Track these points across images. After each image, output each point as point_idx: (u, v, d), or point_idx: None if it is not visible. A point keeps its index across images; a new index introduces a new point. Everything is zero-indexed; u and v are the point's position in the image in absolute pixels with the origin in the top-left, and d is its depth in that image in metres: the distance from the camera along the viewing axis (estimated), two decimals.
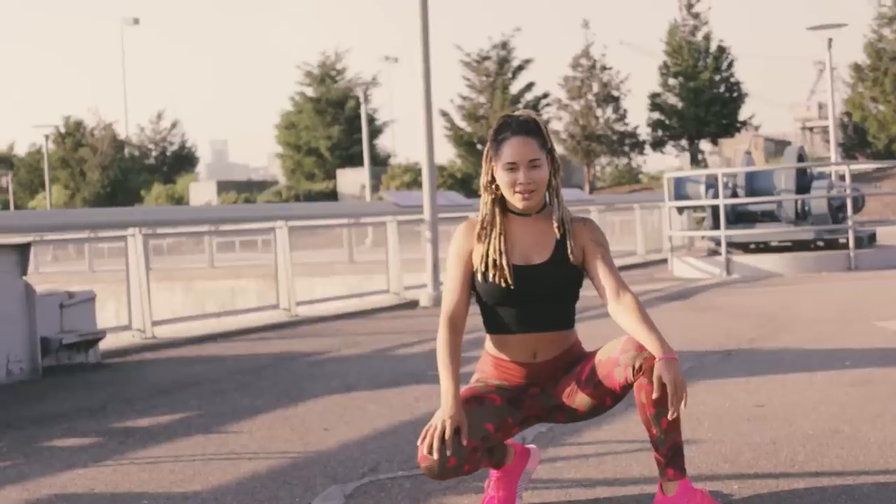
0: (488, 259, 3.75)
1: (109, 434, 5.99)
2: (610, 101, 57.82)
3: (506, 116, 3.83)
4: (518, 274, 3.72)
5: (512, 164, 3.73)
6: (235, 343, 10.46)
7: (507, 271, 3.71)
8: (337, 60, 65.31)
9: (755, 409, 5.79)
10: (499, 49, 60.19)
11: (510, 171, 3.73)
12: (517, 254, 3.77)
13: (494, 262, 3.74)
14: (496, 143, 3.78)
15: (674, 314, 11.30)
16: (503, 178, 3.75)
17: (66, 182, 65.23)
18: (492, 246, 3.76)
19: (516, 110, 15.27)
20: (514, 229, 3.80)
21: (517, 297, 3.72)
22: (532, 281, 3.72)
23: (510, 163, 3.73)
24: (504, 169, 3.74)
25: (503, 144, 3.76)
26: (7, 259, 8.46)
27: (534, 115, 3.83)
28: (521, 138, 3.76)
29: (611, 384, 3.69)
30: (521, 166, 3.73)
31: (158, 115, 72.84)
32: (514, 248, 3.77)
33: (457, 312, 3.77)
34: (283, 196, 58.38)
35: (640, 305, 3.66)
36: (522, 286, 3.72)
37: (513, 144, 3.74)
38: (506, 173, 3.74)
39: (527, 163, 3.73)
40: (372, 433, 5.63)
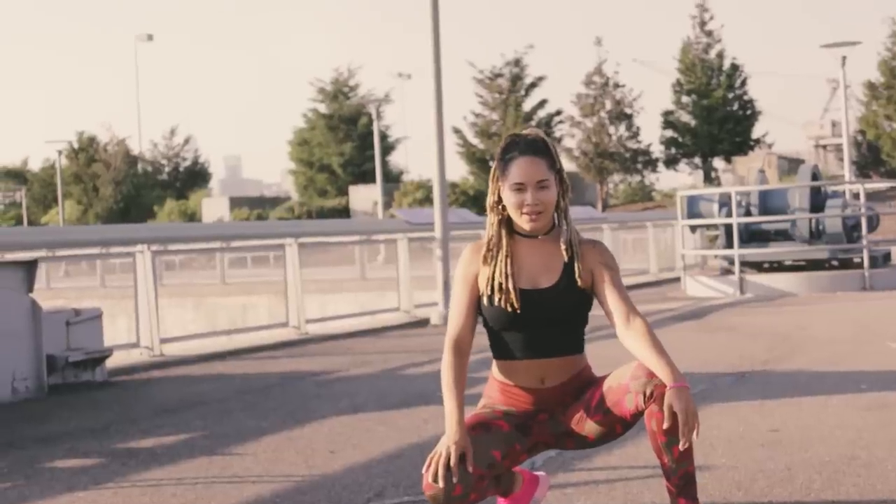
0: (494, 282, 3.65)
1: (112, 455, 5.91)
2: (623, 119, 57.69)
3: (513, 135, 3.73)
4: (525, 298, 3.62)
5: (519, 185, 3.63)
6: (244, 361, 10.37)
7: (514, 295, 3.61)
8: (350, 77, 65.39)
9: (770, 433, 5.67)
10: (512, 66, 60.15)
11: (518, 191, 3.63)
12: (524, 277, 3.66)
13: (500, 285, 3.63)
14: (503, 163, 3.68)
15: (686, 334, 11.18)
16: (510, 199, 3.65)
17: (80, 197, 65.36)
18: (498, 269, 3.66)
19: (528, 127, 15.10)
20: (521, 251, 3.70)
21: (524, 321, 3.62)
22: (539, 305, 3.62)
23: (518, 183, 3.63)
24: (511, 189, 3.64)
25: (511, 164, 3.66)
26: (13, 276, 8.39)
27: (542, 135, 3.73)
28: (529, 158, 3.66)
29: (621, 412, 3.59)
30: (528, 187, 3.62)
31: (171, 130, 72.97)
32: (521, 272, 3.67)
33: (462, 336, 3.67)
34: (296, 212, 58.41)
35: (651, 330, 3.56)
36: (529, 311, 3.61)
37: (520, 164, 3.64)
38: (513, 194, 3.64)
39: (535, 183, 3.63)
40: (379, 456, 5.53)
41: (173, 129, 74.00)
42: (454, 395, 3.59)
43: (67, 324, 8.90)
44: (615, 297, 3.63)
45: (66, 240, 11.43)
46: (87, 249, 12.33)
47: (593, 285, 3.67)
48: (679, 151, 59.50)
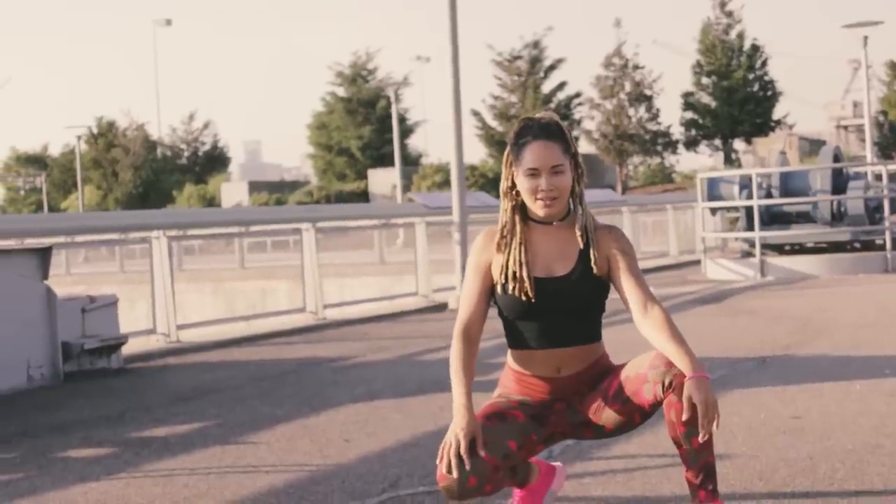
0: (508, 271, 3.56)
1: (125, 444, 5.85)
2: (642, 101, 57.43)
3: (526, 119, 3.63)
4: (539, 287, 3.53)
5: (533, 170, 3.53)
6: (261, 347, 10.32)
7: (528, 284, 3.52)
8: (368, 60, 65.29)
9: (791, 420, 5.57)
10: (530, 48, 59.95)
11: (532, 177, 3.54)
12: (539, 265, 3.57)
13: (514, 273, 3.54)
14: (517, 148, 3.59)
15: (707, 319, 11.06)
16: (524, 185, 3.55)
17: (99, 182, 65.56)
18: (511, 257, 3.56)
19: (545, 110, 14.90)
20: (536, 238, 3.61)
21: (539, 310, 3.53)
22: (554, 294, 3.53)
23: (532, 168, 3.53)
24: (525, 175, 3.55)
25: (524, 149, 3.56)
26: (27, 263, 8.35)
27: (556, 118, 3.63)
28: (542, 142, 3.56)
29: (639, 401, 3.50)
30: (543, 172, 3.53)
31: (190, 115, 73.03)
32: (536, 259, 3.58)
33: (471, 324, 3.58)
34: (315, 196, 58.42)
35: (669, 319, 3.46)
36: (544, 299, 3.52)
37: (534, 149, 3.55)
38: (527, 179, 3.54)
39: (549, 168, 3.53)
40: (394, 445, 5.46)
41: (192, 113, 74.11)
42: (462, 382, 3.49)
43: (83, 311, 8.85)
44: (632, 284, 3.53)
45: (82, 226, 11.39)
46: (104, 235, 12.28)
47: (609, 272, 3.57)
48: (699, 133, 59.19)
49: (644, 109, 57.54)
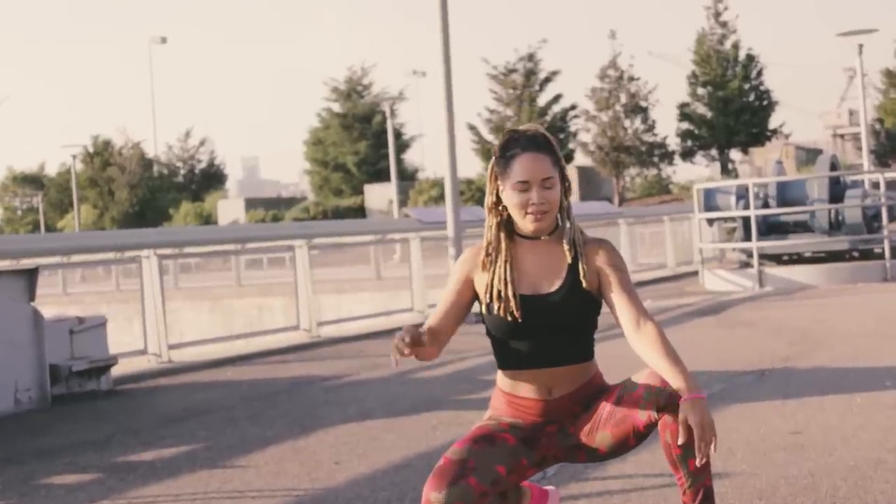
0: (493, 290, 3.42)
1: (111, 469, 5.72)
2: (638, 112, 57.30)
3: (512, 131, 3.50)
4: (526, 305, 3.39)
5: (523, 183, 3.40)
6: (254, 366, 10.18)
7: (514, 303, 3.39)
8: (363, 75, 65.21)
9: (791, 436, 5.44)
10: (525, 61, 59.83)
11: (521, 191, 3.40)
12: (525, 282, 3.44)
13: (499, 293, 3.41)
14: (504, 161, 3.45)
15: (705, 331, 10.94)
16: (513, 199, 3.42)
17: (95, 201, 65.42)
18: (497, 275, 3.43)
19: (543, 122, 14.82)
20: (522, 255, 3.47)
21: (527, 330, 3.40)
22: (542, 312, 3.39)
23: (522, 182, 3.39)
24: (514, 189, 3.41)
25: (512, 161, 3.43)
26: (14, 285, 8.22)
27: (543, 130, 3.51)
28: (532, 154, 3.43)
29: (634, 422, 3.36)
30: (533, 185, 3.40)
31: (186, 133, 72.96)
32: (523, 277, 3.44)
33: (437, 333, 3.42)
34: (311, 213, 58.28)
35: (663, 336, 3.33)
36: (532, 318, 3.39)
37: (523, 162, 3.42)
38: (516, 194, 3.41)
39: (540, 181, 3.40)
40: (385, 467, 5.33)
41: (188, 131, 74.01)
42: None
43: (71, 332, 8.73)
44: (624, 300, 3.40)
45: (73, 246, 11.25)
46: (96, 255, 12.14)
47: (600, 288, 3.44)
48: (695, 144, 59.05)
49: (640, 121, 57.41)
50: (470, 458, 3.36)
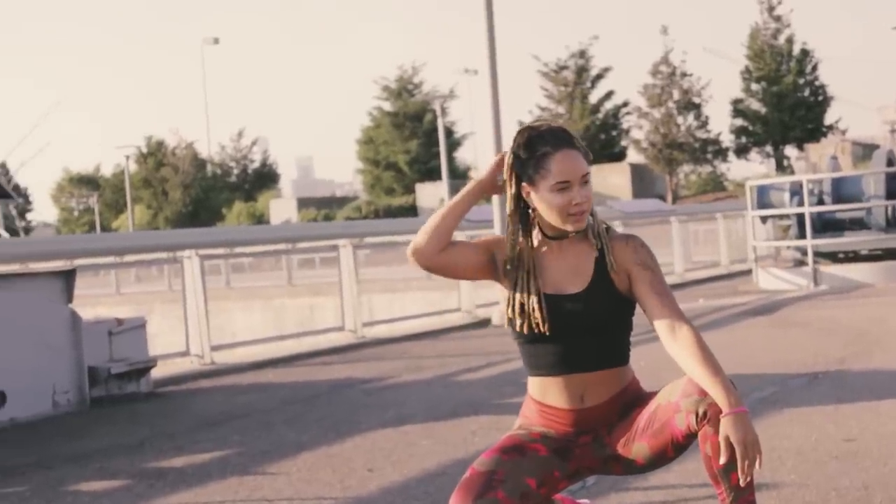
0: (514, 303, 3.22)
1: (141, 475, 5.58)
2: (691, 108, 56.78)
3: (530, 129, 3.26)
4: (551, 306, 3.18)
5: (564, 184, 3.18)
6: (296, 368, 10.05)
7: (540, 317, 3.18)
8: (414, 74, 65.16)
9: (845, 443, 5.20)
10: (577, 58, 59.57)
11: (562, 191, 3.17)
12: (550, 282, 3.22)
13: (522, 306, 3.21)
14: (534, 161, 3.21)
15: (757, 331, 10.65)
16: (553, 201, 3.17)
17: (149, 202, 65.93)
18: (519, 287, 3.22)
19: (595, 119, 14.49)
20: (546, 255, 3.26)
21: (553, 333, 3.19)
22: (570, 313, 3.18)
23: (563, 182, 3.17)
24: (553, 190, 3.17)
25: (547, 161, 3.19)
26: (51, 286, 8.14)
27: (559, 124, 3.29)
28: (567, 151, 3.21)
29: (672, 433, 3.15)
30: (574, 184, 3.18)
31: (239, 133, 73.29)
32: (546, 277, 3.23)
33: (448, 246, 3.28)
34: (363, 212, 58.26)
35: (700, 341, 3.10)
36: (558, 320, 3.18)
37: (562, 160, 3.19)
38: (556, 195, 3.17)
39: (579, 179, 3.20)
40: (418, 475, 5.15)
41: (241, 131, 74.34)
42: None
43: (110, 334, 8.63)
44: (656, 301, 3.17)
45: (109, 247, 11.19)
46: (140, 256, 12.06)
47: (631, 288, 3.23)
48: (749, 140, 58.41)
49: (693, 117, 56.90)
50: (498, 469, 3.17)
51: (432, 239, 3.29)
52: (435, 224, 3.29)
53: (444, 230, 3.30)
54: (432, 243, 3.29)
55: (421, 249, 3.29)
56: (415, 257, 3.30)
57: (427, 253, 3.28)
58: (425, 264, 3.29)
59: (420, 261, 3.29)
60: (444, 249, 3.29)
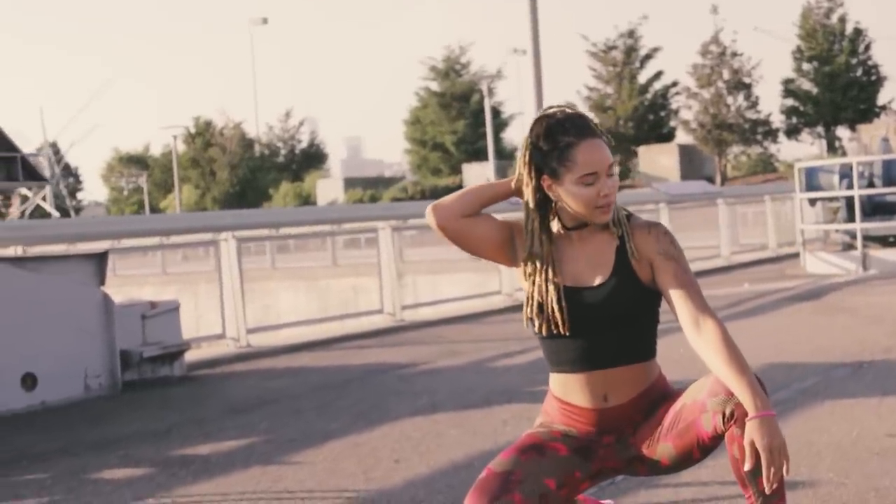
0: (533, 302, 3.07)
1: (164, 464, 5.49)
2: (741, 89, 56.09)
3: (548, 118, 3.06)
4: (571, 298, 3.03)
5: (592, 175, 3.00)
6: (332, 352, 9.95)
7: (560, 317, 3.03)
8: (461, 54, 64.92)
9: (888, 439, 5.00)
10: (625, 38, 59.07)
11: (589, 183, 3.00)
12: (569, 274, 3.06)
13: (541, 306, 3.06)
14: (558, 152, 3.02)
15: (802, 317, 10.41)
16: (579, 194, 3.00)
17: (197, 182, 66.23)
18: (538, 284, 3.06)
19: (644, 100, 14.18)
20: (565, 248, 3.10)
21: (574, 327, 3.04)
22: (591, 306, 3.02)
23: (590, 174, 2.99)
24: (580, 182, 3.00)
25: (572, 152, 3.01)
26: (83, 269, 8.09)
27: (576, 110, 3.12)
28: (592, 141, 3.03)
29: (698, 434, 2.99)
30: (601, 175, 3.02)
31: (287, 113, 73.40)
32: (565, 268, 3.08)
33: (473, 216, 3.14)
34: (410, 192, 58.18)
35: (726, 337, 2.92)
36: (578, 312, 3.02)
37: (587, 151, 3.01)
38: (583, 187, 3.00)
39: (606, 169, 3.03)
40: (444, 466, 5.02)
41: (288, 111, 74.55)
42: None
43: (143, 317, 8.57)
44: (680, 294, 2.99)
45: (145, 229, 11.13)
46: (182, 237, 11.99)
47: (654, 279, 3.06)
48: (800, 121, 57.65)
49: (743, 97, 56.19)
50: (515, 469, 3.03)
51: (458, 202, 3.16)
52: (466, 191, 3.17)
53: (473, 200, 3.16)
54: (457, 205, 3.15)
55: (443, 206, 3.14)
56: (434, 212, 3.13)
57: (448, 213, 3.13)
58: (441, 223, 3.13)
59: (438, 218, 3.13)
60: (467, 216, 3.14)
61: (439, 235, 3.19)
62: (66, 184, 76.52)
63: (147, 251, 29.69)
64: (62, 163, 75.26)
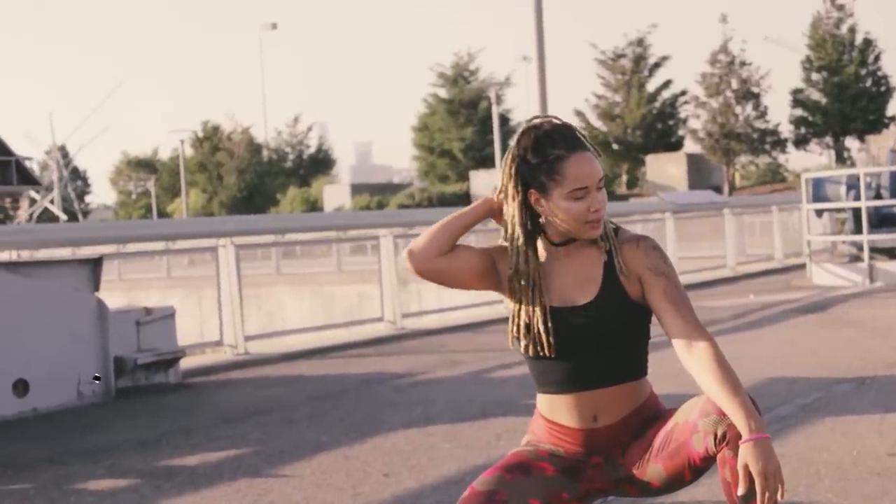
0: (519, 321, 2.96)
1: (150, 475, 5.39)
2: (750, 98, 55.91)
3: (535, 129, 2.94)
4: (557, 319, 2.92)
5: (582, 190, 2.89)
6: (330, 360, 9.85)
7: (547, 341, 2.92)
8: (470, 61, 64.85)
9: (889, 458, 4.88)
10: (634, 46, 58.97)
11: (579, 198, 2.88)
12: (555, 293, 2.96)
13: (528, 327, 2.94)
14: (546, 166, 2.91)
15: (806, 330, 10.28)
16: (569, 209, 2.88)
17: (205, 186, 66.22)
18: (524, 304, 2.95)
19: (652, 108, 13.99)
20: (550, 264, 2.99)
21: (561, 349, 2.93)
22: (578, 327, 2.92)
23: (581, 188, 2.88)
24: (569, 197, 2.88)
25: (561, 165, 2.90)
26: (77, 274, 7.99)
27: (564, 121, 3.00)
28: (583, 154, 2.92)
29: (689, 455, 2.88)
30: (592, 190, 2.91)
31: (295, 118, 73.39)
32: (551, 287, 2.97)
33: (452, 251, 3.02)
34: (416, 199, 58.10)
35: (719, 357, 2.81)
36: (565, 333, 2.92)
37: (577, 164, 2.90)
38: (573, 202, 2.88)
39: (596, 183, 2.92)
40: (435, 481, 4.91)
41: (297, 116, 74.48)
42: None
43: (138, 323, 8.47)
44: (671, 311, 2.88)
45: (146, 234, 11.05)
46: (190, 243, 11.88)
47: (644, 296, 2.95)
48: (809, 131, 57.46)
49: (751, 107, 55.99)
50: (499, 489, 2.94)
51: (432, 242, 3.03)
52: (438, 228, 3.04)
53: (446, 236, 3.04)
54: (432, 246, 3.03)
55: (418, 250, 3.02)
56: (409, 258, 3.03)
57: (423, 256, 3.01)
58: (419, 268, 3.02)
59: (415, 264, 3.02)
60: (443, 254, 3.03)
61: (420, 278, 3.07)
62: (74, 187, 76.62)
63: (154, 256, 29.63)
64: (70, 166, 75.35)
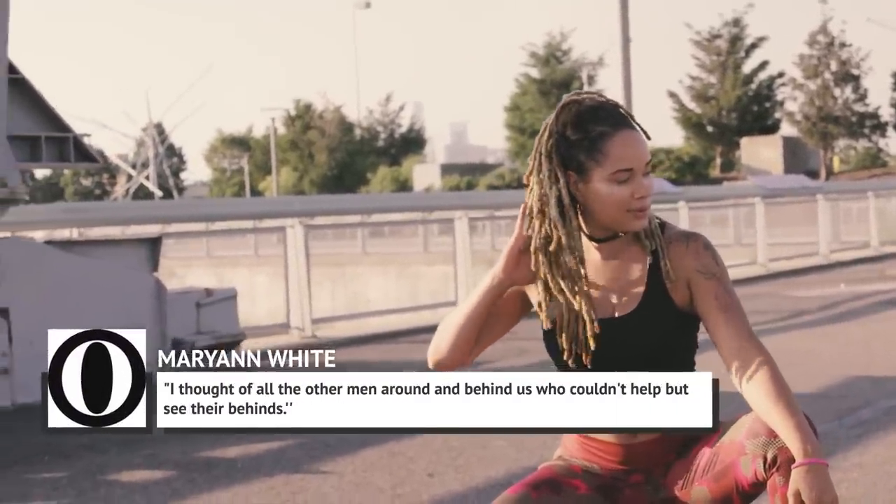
0: (567, 331, 2.59)
1: (186, 467, 5.17)
2: (849, 80, 54.47)
3: (577, 103, 2.59)
4: (599, 333, 2.57)
5: (627, 172, 2.54)
6: (397, 345, 9.61)
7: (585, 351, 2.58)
8: (563, 40, 64.15)
9: None
10: (731, 26, 57.77)
11: (622, 182, 2.54)
12: (596, 302, 2.60)
13: (575, 338, 2.60)
14: (588, 142, 2.56)
15: (888, 326, 9.74)
16: (611, 193, 2.54)
17: (296, 164, 66.55)
18: (564, 314, 2.58)
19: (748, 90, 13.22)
20: (592, 266, 2.63)
21: (599, 361, 2.58)
22: (620, 342, 2.57)
23: (625, 170, 2.53)
24: (611, 180, 2.53)
25: (604, 143, 2.55)
26: (134, 254, 7.83)
27: (608, 98, 2.65)
28: (630, 133, 2.56)
29: (736, 479, 2.52)
30: (637, 173, 2.56)
31: (387, 97, 73.34)
32: (594, 296, 2.61)
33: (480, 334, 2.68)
34: (506, 179, 57.68)
35: (774, 371, 2.46)
36: (605, 349, 2.57)
37: (623, 143, 2.55)
38: (615, 186, 2.54)
39: (643, 167, 2.57)
40: (480, 483, 4.61)
41: (389, 95, 74.43)
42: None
43: (197, 305, 8.29)
44: (721, 319, 2.53)
45: (219, 213, 10.90)
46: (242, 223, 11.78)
47: (692, 301, 2.59)
48: None
49: (850, 90, 54.58)
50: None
51: (454, 350, 2.68)
52: (456, 331, 2.65)
53: (464, 337, 2.68)
54: (456, 353, 2.68)
55: (445, 362, 2.68)
56: (439, 369, 2.69)
57: (454, 363, 2.68)
58: (459, 367, 2.68)
59: (450, 370, 2.69)
60: (473, 342, 2.66)
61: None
62: (169, 164, 77.57)
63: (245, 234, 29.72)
64: (166, 143, 76.30)
